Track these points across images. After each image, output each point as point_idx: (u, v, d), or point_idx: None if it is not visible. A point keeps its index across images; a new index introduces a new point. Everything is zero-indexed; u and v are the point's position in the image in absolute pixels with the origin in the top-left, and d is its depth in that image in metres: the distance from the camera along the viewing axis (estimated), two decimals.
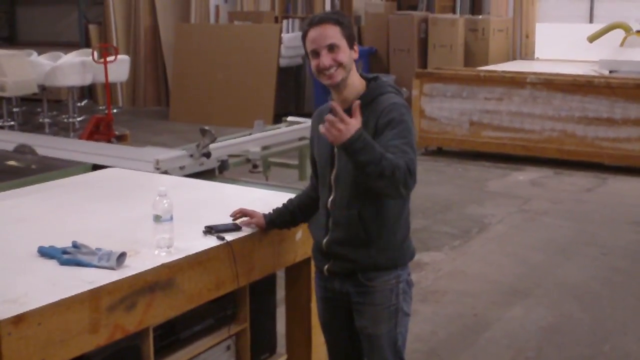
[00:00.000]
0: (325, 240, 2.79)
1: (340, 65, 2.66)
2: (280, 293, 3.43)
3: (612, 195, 7.46)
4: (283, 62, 11.17)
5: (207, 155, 4.28)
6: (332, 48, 2.65)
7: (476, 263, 5.57)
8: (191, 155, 4.27)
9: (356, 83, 2.72)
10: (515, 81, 8.71)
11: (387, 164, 2.47)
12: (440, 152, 9.30)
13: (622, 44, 10.48)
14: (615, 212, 6.84)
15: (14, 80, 9.08)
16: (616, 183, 7.90)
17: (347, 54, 2.67)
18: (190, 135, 8.97)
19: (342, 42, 2.66)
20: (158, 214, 2.72)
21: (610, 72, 9.38)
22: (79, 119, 10.16)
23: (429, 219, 6.32)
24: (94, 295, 2.41)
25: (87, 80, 9.83)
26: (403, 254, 2.80)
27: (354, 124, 2.47)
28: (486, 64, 10.37)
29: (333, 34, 2.66)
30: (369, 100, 2.67)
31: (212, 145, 4.35)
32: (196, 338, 2.96)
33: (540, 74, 8.82)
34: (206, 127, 4.24)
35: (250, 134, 5.34)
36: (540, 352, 4.17)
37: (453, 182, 7.93)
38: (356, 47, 2.72)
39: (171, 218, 2.73)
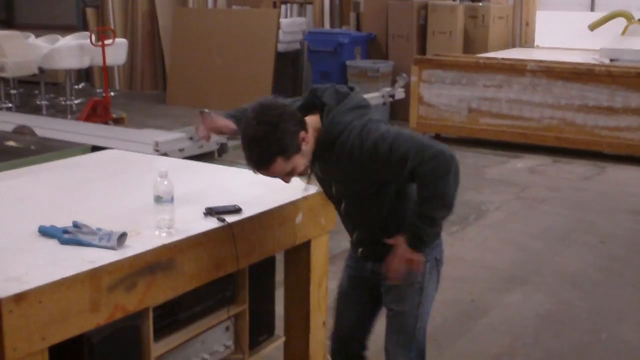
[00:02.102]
0: (354, 237, 2.90)
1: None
2: (279, 276, 3.43)
3: (611, 184, 7.46)
4: (281, 47, 11.13)
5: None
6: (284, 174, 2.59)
7: (474, 249, 5.57)
8: (190, 138, 4.26)
9: (312, 137, 2.59)
10: (515, 68, 8.69)
11: (437, 200, 2.53)
12: (438, 139, 9.24)
13: (623, 33, 10.44)
14: (614, 200, 6.84)
15: (13, 61, 9.04)
16: (615, 172, 7.90)
17: (298, 161, 2.55)
18: (187, 119, 8.97)
19: (289, 163, 2.53)
20: (159, 194, 2.71)
21: (611, 60, 9.35)
22: (76, 101, 10.12)
23: None
24: (95, 274, 2.40)
25: (84, 63, 9.79)
26: None
27: (403, 250, 2.62)
28: (485, 51, 10.33)
29: (278, 169, 2.55)
30: (328, 146, 2.59)
31: None
32: (195, 319, 2.95)
33: (541, 61, 8.79)
34: (205, 110, 4.21)
35: None
36: (538, 339, 4.18)
37: None
38: (302, 134, 2.53)
39: (172, 199, 2.72)
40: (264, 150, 2.49)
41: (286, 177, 2.61)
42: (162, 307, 2.75)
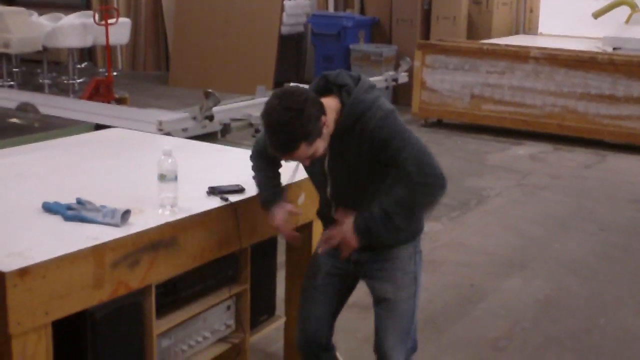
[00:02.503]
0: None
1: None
2: (280, 257, 3.44)
3: (612, 172, 7.47)
4: (284, 30, 11.10)
5: (210, 118, 4.28)
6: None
7: (474, 235, 5.59)
8: (194, 118, 4.27)
9: (331, 120, 2.60)
10: (518, 55, 8.67)
11: (406, 209, 2.59)
12: (440, 124, 9.29)
13: (627, 21, 10.41)
14: (614, 189, 6.85)
15: (18, 37, 9.00)
16: (616, 160, 7.91)
17: (319, 145, 2.55)
18: (189, 100, 8.93)
19: (311, 147, 2.53)
20: (163, 173, 2.72)
21: (614, 49, 9.33)
22: (79, 80, 10.11)
23: None
24: (98, 251, 2.42)
25: (87, 42, 9.77)
26: (417, 224, 2.84)
27: (347, 229, 2.62)
28: (489, 37, 10.31)
29: (301, 153, 2.53)
30: (350, 125, 2.59)
31: (215, 109, 4.35)
32: (197, 297, 2.97)
33: (544, 48, 8.77)
34: (210, 90, 4.23)
35: (252, 99, 5.33)
36: (536, 324, 4.20)
37: (452, 154, 7.93)
38: (323, 118, 2.52)
39: (176, 177, 2.74)
40: (289, 135, 2.48)
41: (306, 160, 2.60)
42: (164, 285, 2.77)
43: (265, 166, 2.90)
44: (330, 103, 2.60)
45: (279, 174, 2.93)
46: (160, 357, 2.81)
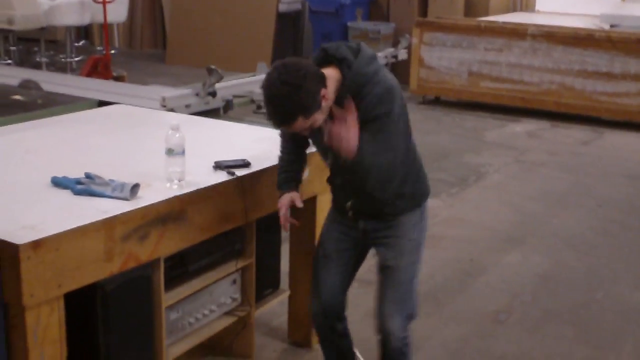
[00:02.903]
0: (346, 196, 2.86)
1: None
2: (284, 232, 3.48)
3: (609, 149, 7.51)
4: (282, 8, 11.06)
5: (213, 94, 4.31)
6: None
7: (473, 210, 5.64)
8: (197, 94, 4.29)
9: (332, 90, 2.61)
10: (516, 33, 8.68)
11: None
12: (437, 102, 9.31)
13: None
14: (611, 165, 6.90)
15: (22, 14, 8.96)
16: (613, 137, 7.96)
17: (317, 117, 2.57)
18: (187, 79, 8.94)
19: (309, 120, 2.55)
20: (170, 147, 2.76)
21: (611, 26, 9.35)
22: (76, 58, 10.09)
23: (426, 167, 6.11)
24: (109, 224, 2.46)
25: (85, 20, 9.72)
26: (421, 192, 2.90)
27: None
28: (486, 14, 10.32)
29: (298, 126, 2.56)
30: (355, 92, 2.60)
31: (217, 85, 4.37)
32: (204, 271, 3.02)
33: (542, 26, 8.79)
34: (212, 66, 4.25)
35: (254, 76, 5.36)
36: (536, 297, 4.26)
37: (450, 131, 7.97)
38: (323, 91, 2.54)
39: (183, 152, 2.77)
40: (286, 109, 2.52)
41: (304, 131, 2.64)
42: (172, 258, 2.82)
43: (285, 146, 2.97)
44: (331, 73, 2.62)
45: (298, 157, 2.97)
46: (169, 330, 2.86)
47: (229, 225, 2.93)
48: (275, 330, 3.76)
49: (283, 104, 2.51)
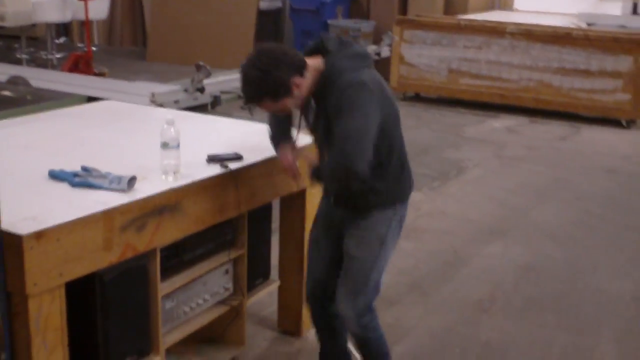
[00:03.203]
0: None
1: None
2: (274, 224, 3.56)
3: (586, 144, 7.66)
4: (263, 5, 11.13)
5: (201, 90, 4.37)
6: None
7: (455, 203, 5.75)
8: (186, 90, 4.35)
9: (310, 83, 2.76)
10: (495, 31, 8.81)
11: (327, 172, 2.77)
12: (418, 98, 9.42)
13: None
14: (589, 160, 7.04)
15: (13, 10, 8.97)
16: (590, 133, 8.11)
17: (287, 103, 2.76)
18: (168, 76, 8.96)
19: (277, 104, 2.76)
20: (166, 141, 2.82)
21: (589, 24, 9.53)
22: (57, 55, 10.10)
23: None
24: (108, 215, 2.52)
25: (67, 17, 9.74)
26: (398, 192, 2.96)
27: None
28: (465, 12, 10.45)
29: (266, 107, 2.79)
30: (326, 86, 2.75)
31: (205, 81, 4.43)
32: (198, 261, 3.09)
33: (520, 24, 8.93)
34: (201, 63, 4.32)
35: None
36: (517, 287, 4.37)
37: (430, 127, 8.09)
38: (296, 80, 2.71)
39: (178, 145, 2.84)
40: (253, 91, 2.74)
41: (276, 112, 2.86)
42: (168, 249, 2.88)
43: (271, 120, 3.09)
44: (315, 63, 2.77)
45: (286, 126, 3.08)
46: (164, 318, 2.92)
47: (222, 217, 3.00)
48: (265, 319, 3.84)
49: (252, 86, 2.73)
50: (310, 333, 3.69)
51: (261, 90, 2.72)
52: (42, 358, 2.38)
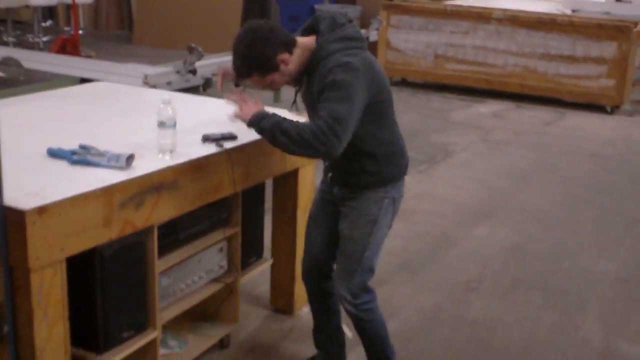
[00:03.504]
0: (328, 168, 3.05)
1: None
2: (267, 204, 3.61)
3: (571, 129, 7.76)
4: None
5: (194, 72, 4.40)
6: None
7: (442, 186, 5.82)
8: (178, 72, 4.39)
9: (300, 61, 2.84)
10: (481, 16, 8.88)
11: (292, 135, 2.70)
12: (404, 83, 9.48)
13: None
14: (573, 144, 7.14)
15: None
16: (574, 118, 8.20)
17: (276, 78, 2.86)
18: (155, 60, 8.95)
19: (266, 79, 2.86)
20: (162, 120, 2.86)
21: (573, 11, 9.61)
22: (44, 38, 10.07)
23: None
24: (107, 192, 2.56)
25: (53, 0, 9.73)
26: (390, 173, 2.99)
27: (248, 110, 2.86)
28: None
29: (255, 81, 2.90)
30: (314, 66, 2.81)
31: (197, 63, 4.47)
32: (193, 239, 3.14)
33: (506, 10, 9.00)
34: (193, 45, 4.36)
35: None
36: (505, 267, 4.46)
37: (417, 112, 8.15)
38: (283, 57, 2.80)
39: (174, 125, 2.88)
40: (242, 65, 2.87)
41: (266, 88, 2.95)
42: (164, 227, 2.93)
43: None
44: (308, 43, 2.85)
45: None
46: (161, 295, 2.97)
47: (218, 195, 3.05)
48: (257, 298, 3.90)
49: (241, 61, 2.86)
50: (302, 311, 3.77)
51: (248, 65, 2.83)
52: (44, 331, 2.43)
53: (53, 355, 2.48)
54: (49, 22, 11.79)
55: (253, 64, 2.83)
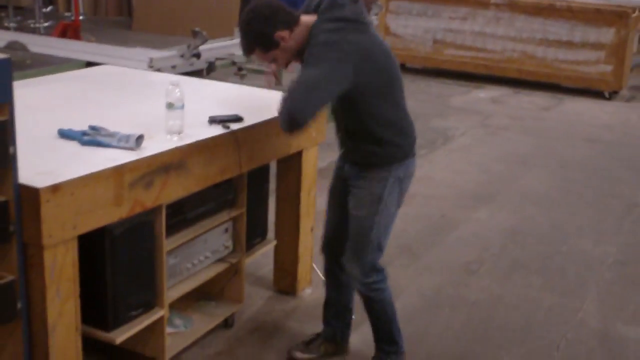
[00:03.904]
0: (340, 136, 3.12)
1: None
2: (270, 185, 3.66)
3: (569, 114, 7.82)
4: None
5: (197, 56, 4.45)
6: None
7: (442, 170, 5.88)
8: (182, 56, 4.43)
9: (300, 38, 2.91)
10: (480, 2, 8.92)
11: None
12: (403, 68, 9.40)
13: None
14: (571, 129, 7.20)
15: None
16: (572, 103, 8.26)
17: (278, 55, 2.95)
18: (155, 45, 8.98)
19: (268, 55, 2.96)
20: (171, 101, 2.92)
21: None
22: (45, 24, 10.09)
23: None
24: (118, 171, 2.61)
25: None
26: (394, 152, 3.03)
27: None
28: None
29: (259, 57, 3.03)
30: (308, 44, 2.89)
31: (201, 47, 4.52)
32: (200, 219, 3.19)
33: None
34: (197, 29, 4.40)
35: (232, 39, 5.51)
36: (504, 250, 4.52)
37: (416, 97, 8.19)
38: (283, 34, 2.88)
39: (182, 106, 2.93)
40: (245, 41, 3.01)
41: (270, 64, 3.09)
42: (172, 207, 2.98)
43: None
44: (310, 21, 2.91)
45: None
46: (168, 274, 3.03)
47: (225, 176, 3.10)
48: (261, 279, 3.96)
49: (244, 38, 3.01)
50: (305, 292, 3.83)
51: (249, 42, 2.96)
52: (56, 307, 2.49)
53: (65, 332, 2.54)
54: (49, 8, 11.79)
55: (252, 41, 2.94)
